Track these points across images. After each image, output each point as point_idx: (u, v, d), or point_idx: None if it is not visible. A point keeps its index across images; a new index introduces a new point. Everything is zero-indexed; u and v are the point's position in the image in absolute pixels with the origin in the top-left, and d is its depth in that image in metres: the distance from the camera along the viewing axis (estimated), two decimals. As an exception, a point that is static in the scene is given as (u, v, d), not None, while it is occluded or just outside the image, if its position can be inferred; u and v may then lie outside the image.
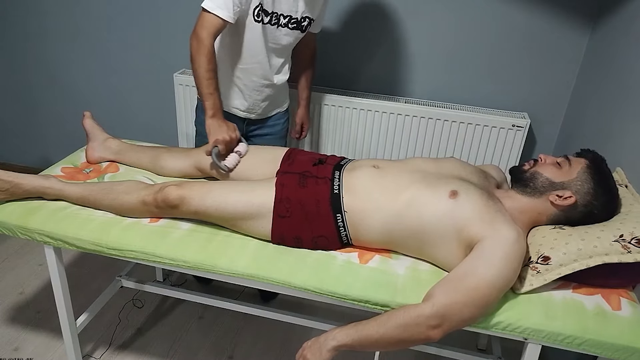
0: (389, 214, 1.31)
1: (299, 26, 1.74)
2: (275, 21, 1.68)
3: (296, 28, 1.74)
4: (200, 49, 1.56)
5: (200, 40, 1.55)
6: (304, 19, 1.73)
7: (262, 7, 1.63)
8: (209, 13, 1.55)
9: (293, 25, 1.72)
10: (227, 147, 1.59)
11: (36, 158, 3.02)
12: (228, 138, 1.58)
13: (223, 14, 1.54)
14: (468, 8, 2.08)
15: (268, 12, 1.65)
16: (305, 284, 1.30)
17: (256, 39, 1.69)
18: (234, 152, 1.62)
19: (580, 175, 1.28)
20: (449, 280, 1.17)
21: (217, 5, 1.54)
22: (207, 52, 1.56)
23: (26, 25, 2.62)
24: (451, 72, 2.22)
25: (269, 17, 1.66)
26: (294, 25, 1.73)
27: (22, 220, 1.49)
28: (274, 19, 1.67)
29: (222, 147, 1.57)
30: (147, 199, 1.45)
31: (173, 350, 1.97)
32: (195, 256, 1.37)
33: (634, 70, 1.58)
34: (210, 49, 1.57)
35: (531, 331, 1.19)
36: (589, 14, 1.99)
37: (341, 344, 1.17)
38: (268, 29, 1.69)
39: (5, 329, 2.02)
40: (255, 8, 1.62)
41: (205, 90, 1.58)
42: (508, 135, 2.13)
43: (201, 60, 1.56)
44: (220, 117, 1.61)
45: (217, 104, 1.60)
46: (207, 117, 1.60)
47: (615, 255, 1.18)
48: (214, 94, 1.59)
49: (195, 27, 1.57)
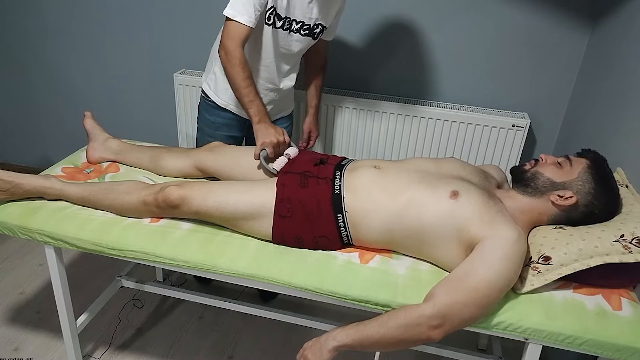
0: (390, 214, 1.31)
1: (311, 33, 1.73)
2: (288, 26, 1.67)
3: (308, 35, 1.73)
4: (231, 60, 1.56)
5: (228, 51, 1.56)
6: (316, 25, 1.72)
7: (275, 11, 1.62)
8: (232, 21, 1.54)
9: (305, 31, 1.72)
10: (275, 150, 1.58)
11: (36, 158, 3.01)
12: (275, 141, 1.57)
13: (245, 19, 1.54)
14: (468, 8, 2.08)
15: (281, 17, 1.64)
16: (306, 284, 1.30)
17: (266, 42, 1.69)
18: (283, 156, 1.60)
19: (582, 175, 1.28)
20: (449, 281, 1.17)
21: (239, 12, 1.53)
22: (238, 62, 1.56)
23: (26, 25, 2.62)
24: (451, 72, 2.22)
25: (282, 21, 1.65)
26: (306, 31, 1.72)
27: (23, 220, 1.49)
28: (287, 24, 1.67)
29: (270, 150, 1.57)
30: (148, 199, 1.45)
31: (173, 350, 1.97)
32: (196, 256, 1.37)
33: (634, 70, 1.58)
34: (242, 57, 1.56)
35: (532, 331, 1.19)
36: (589, 14, 1.99)
37: (342, 344, 1.17)
38: (280, 33, 1.68)
39: (5, 329, 2.01)
40: (267, 11, 1.61)
41: (246, 99, 1.59)
42: (508, 135, 2.13)
43: (234, 71, 1.57)
44: (267, 122, 1.61)
45: (261, 109, 1.60)
46: (254, 123, 1.60)
47: (616, 255, 1.18)
48: (255, 101, 1.60)
49: (222, 38, 1.57)
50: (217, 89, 1.82)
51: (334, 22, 1.82)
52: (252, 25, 1.56)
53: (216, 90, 1.83)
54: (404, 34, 2.19)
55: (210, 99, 1.85)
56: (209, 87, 1.85)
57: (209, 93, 1.85)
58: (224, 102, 1.83)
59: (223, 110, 1.84)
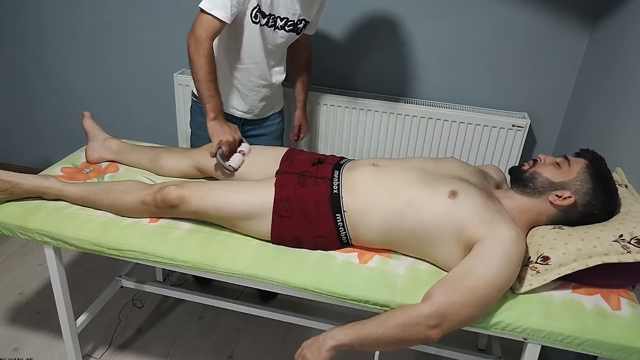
0: (389, 213, 1.31)
1: (295, 28, 1.74)
2: (272, 23, 1.68)
3: (292, 30, 1.74)
4: (199, 50, 1.55)
5: (199, 41, 1.54)
6: (300, 21, 1.73)
7: (259, 9, 1.63)
8: (206, 14, 1.53)
9: (290, 27, 1.73)
10: (231, 147, 1.60)
11: (36, 158, 3.02)
12: (231, 139, 1.59)
13: (221, 14, 1.53)
14: (468, 8, 2.08)
15: (265, 14, 1.65)
16: (305, 284, 1.30)
17: (254, 40, 1.69)
18: (237, 152, 1.63)
19: (580, 175, 1.28)
20: (448, 280, 1.17)
21: (215, 5, 1.52)
22: (206, 53, 1.55)
23: (26, 25, 2.62)
24: (451, 72, 2.22)
25: (266, 18, 1.66)
26: (291, 27, 1.73)
27: (22, 220, 1.49)
28: (271, 21, 1.67)
29: (226, 149, 1.58)
30: (147, 198, 1.45)
31: (173, 350, 1.97)
32: (195, 256, 1.37)
33: (634, 70, 1.58)
34: (210, 50, 1.56)
35: (531, 331, 1.19)
36: (589, 14, 1.99)
37: (340, 344, 1.17)
38: (265, 30, 1.69)
39: (5, 329, 2.02)
40: (253, 9, 1.62)
41: (206, 92, 1.58)
42: (508, 135, 2.13)
43: (200, 62, 1.55)
44: (222, 119, 1.62)
45: (217, 106, 1.61)
46: (208, 120, 1.60)
47: (614, 255, 1.18)
48: (214, 96, 1.59)
49: (194, 27, 1.55)
50: None
51: (316, 16, 1.83)
52: (227, 20, 1.55)
53: None
54: (404, 35, 2.19)
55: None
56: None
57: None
58: None
59: None
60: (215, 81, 1.60)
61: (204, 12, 1.54)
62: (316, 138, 2.34)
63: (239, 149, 1.63)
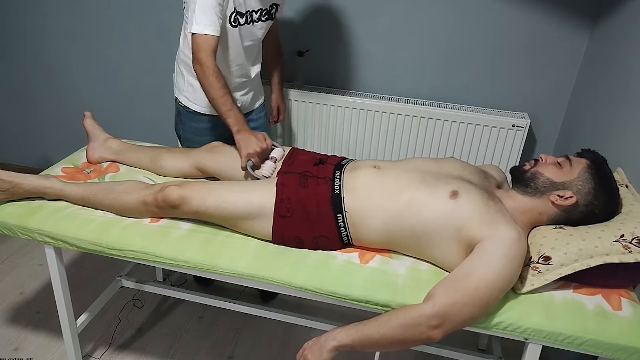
0: (390, 214, 1.31)
1: (270, 15, 1.78)
2: (250, 19, 1.71)
3: (268, 18, 1.78)
4: (205, 72, 1.57)
5: (202, 63, 1.56)
6: (272, 6, 1.77)
7: (236, 11, 1.65)
8: (201, 35, 1.56)
9: (265, 16, 1.76)
10: (260, 157, 1.59)
11: (36, 158, 3.01)
12: (259, 150, 1.57)
13: (212, 30, 1.56)
14: (468, 8, 2.08)
15: (243, 13, 1.67)
16: (306, 284, 1.30)
17: (235, 43, 1.72)
18: (269, 160, 1.61)
19: (581, 175, 1.28)
20: (449, 281, 1.17)
21: (205, 24, 1.55)
22: (212, 72, 1.57)
23: (26, 25, 2.62)
24: (451, 72, 2.22)
25: (244, 17, 1.69)
26: (266, 16, 1.76)
27: (23, 220, 1.49)
28: (249, 17, 1.70)
29: (256, 160, 1.57)
30: (148, 199, 1.45)
31: (173, 350, 1.97)
32: (196, 256, 1.37)
33: (634, 70, 1.58)
34: (215, 67, 1.58)
35: (532, 331, 1.19)
36: (589, 14, 1.99)
37: (342, 344, 1.17)
38: (244, 29, 1.71)
39: (5, 329, 2.01)
40: (231, 14, 1.64)
41: (224, 108, 1.59)
42: (508, 135, 2.13)
43: (210, 81, 1.57)
44: (247, 130, 1.60)
45: (239, 118, 1.60)
46: (234, 133, 1.59)
47: (616, 255, 1.18)
48: (232, 110, 1.60)
49: (195, 54, 1.58)
50: (197, 98, 1.82)
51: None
52: (218, 34, 1.58)
53: (195, 99, 1.83)
54: (404, 34, 2.19)
55: (192, 109, 1.85)
56: (187, 99, 1.85)
57: (189, 104, 1.85)
58: (205, 108, 1.83)
59: (207, 115, 1.85)
60: (229, 94, 1.61)
61: (197, 34, 1.56)
62: (317, 137, 2.34)
63: (271, 156, 1.62)
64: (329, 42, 2.28)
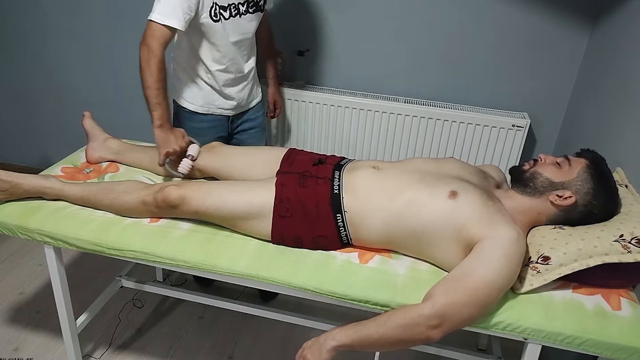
0: (389, 214, 1.31)
1: (257, 7, 1.76)
2: (236, 12, 1.70)
3: (257, 10, 1.76)
4: (150, 59, 1.58)
5: (151, 50, 1.58)
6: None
7: (217, 5, 1.64)
8: (158, 24, 1.57)
9: (253, 8, 1.74)
10: (178, 155, 1.63)
11: (36, 158, 3.02)
12: (178, 149, 1.61)
13: (173, 23, 1.57)
14: (468, 8, 2.08)
15: (225, 7, 1.67)
16: (305, 284, 1.30)
17: (222, 38, 1.71)
18: (185, 157, 1.65)
19: (580, 175, 1.28)
20: (448, 281, 1.17)
21: (167, 15, 1.56)
22: (157, 61, 1.59)
23: (26, 25, 2.62)
24: (451, 72, 2.22)
25: (228, 11, 1.68)
26: (254, 7, 1.75)
27: (22, 220, 1.49)
28: (234, 10, 1.69)
29: (174, 157, 1.62)
30: (147, 199, 1.45)
31: (173, 350, 1.97)
32: (195, 256, 1.37)
33: (634, 70, 1.58)
34: (161, 58, 1.59)
35: (531, 331, 1.19)
36: (589, 14, 1.99)
37: (341, 344, 1.17)
38: (230, 23, 1.70)
39: (5, 329, 2.02)
40: (210, 9, 1.64)
41: (154, 100, 1.61)
42: (508, 135, 2.13)
43: (152, 70, 1.59)
44: (168, 127, 1.63)
45: (164, 114, 1.62)
46: (154, 127, 1.62)
47: (615, 255, 1.17)
48: (162, 104, 1.61)
49: (145, 37, 1.59)
50: (194, 98, 1.84)
51: None
52: (182, 28, 1.59)
53: (193, 99, 1.84)
54: (404, 33, 2.19)
55: (189, 109, 1.86)
56: (184, 99, 1.86)
57: (187, 105, 1.86)
58: (203, 107, 1.84)
59: (205, 114, 1.86)
60: (163, 89, 1.62)
61: (154, 22, 1.57)
62: (316, 137, 2.34)
63: (188, 153, 1.66)
64: (329, 42, 2.28)
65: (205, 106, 1.84)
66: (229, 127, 1.93)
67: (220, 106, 1.86)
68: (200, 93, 1.82)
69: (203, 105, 1.84)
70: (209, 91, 1.82)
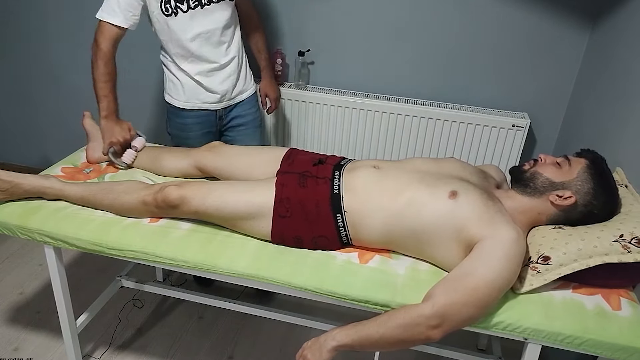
0: (389, 214, 1.31)
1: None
2: (196, 3, 1.70)
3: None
4: (98, 54, 1.67)
5: (98, 46, 1.67)
6: None
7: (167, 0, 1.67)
8: (104, 22, 1.65)
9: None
10: (122, 145, 1.73)
11: (36, 158, 3.01)
12: (121, 139, 1.71)
13: (115, 20, 1.64)
14: (468, 8, 2.08)
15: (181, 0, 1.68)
16: (306, 284, 1.30)
17: (181, 32, 1.72)
18: (130, 149, 1.73)
19: (580, 175, 1.28)
20: (448, 281, 1.17)
21: (108, 13, 1.64)
22: (103, 56, 1.67)
23: (26, 25, 2.62)
24: (451, 72, 2.22)
25: (185, 3, 1.69)
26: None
27: (22, 220, 1.49)
28: (193, 2, 1.69)
29: (118, 148, 1.72)
30: (147, 199, 1.45)
31: (173, 350, 1.97)
32: (195, 256, 1.37)
33: (634, 70, 1.58)
34: (107, 54, 1.67)
35: (531, 331, 1.19)
36: (589, 14, 1.99)
37: (341, 344, 1.17)
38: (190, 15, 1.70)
39: (5, 329, 2.02)
40: (160, 3, 1.67)
41: (101, 92, 1.69)
42: (508, 135, 2.13)
43: (98, 64, 1.68)
44: (113, 119, 1.72)
45: (110, 106, 1.71)
46: (100, 119, 1.71)
47: (615, 255, 1.18)
48: (108, 97, 1.70)
49: (95, 35, 1.68)
50: (178, 93, 1.86)
51: None
52: (124, 25, 1.67)
53: (177, 94, 1.86)
54: (404, 33, 2.19)
55: (174, 105, 1.88)
56: (170, 96, 1.89)
57: (172, 101, 1.89)
58: (187, 102, 1.86)
59: (189, 110, 1.88)
60: (110, 82, 1.70)
61: (100, 20, 1.65)
62: (317, 137, 2.34)
63: (132, 144, 1.74)
64: (330, 42, 2.28)
65: (190, 102, 1.86)
66: (216, 122, 1.93)
67: (205, 100, 1.86)
68: (182, 89, 1.84)
69: (187, 101, 1.86)
70: (190, 85, 1.83)
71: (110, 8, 1.64)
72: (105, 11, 1.65)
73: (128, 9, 1.64)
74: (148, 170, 1.76)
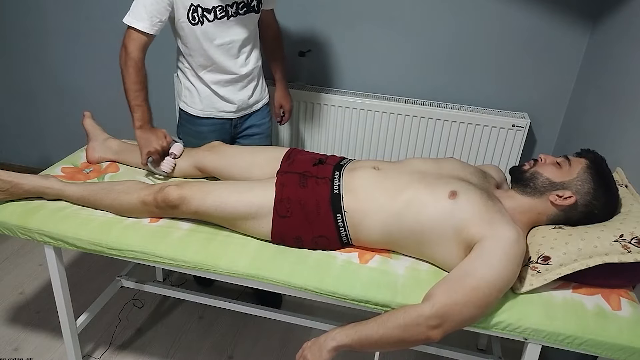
0: (389, 214, 1.31)
1: (249, 8, 1.73)
2: (223, 14, 1.67)
3: (248, 11, 1.73)
4: (127, 62, 1.61)
5: (127, 52, 1.61)
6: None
7: (199, 8, 1.63)
8: (132, 28, 1.60)
9: (243, 10, 1.71)
10: (160, 154, 1.67)
11: (36, 158, 3.02)
12: (159, 148, 1.65)
13: (140, 26, 1.59)
14: (468, 8, 2.08)
15: (210, 9, 1.65)
16: (306, 284, 1.30)
17: (205, 41, 1.69)
18: (168, 156, 1.68)
19: (581, 175, 1.28)
20: (448, 281, 1.17)
21: (136, 19, 1.59)
22: (134, 64, 1.61)
23: (26, 25, 2.62)
24: (451, 72, 2.22)
25: (212, 13, 1.66)
26: (244, 9, 1.71)
27: (22, 220, 1.49)
28: (221, 13, 1.67)
29: (156, 157, 1.66)
30: (147, 199, 1.45)
31: (173, 350, 1.97)
32: (195, 256, 1.37)
33: (634, 70, 1.58)
34: (139, 62, 1.62)
35: (531, 331, 1.19)
36: (589, 14, 1.99)
37: (341, 344, 1.17)
38: (214, 25, 1.68)
39: (5, 329, 2.02)
40: (188, 12, 1.63)
41: (133, 102, 1.64)
42: (508, 135, 2.13)
43: (129, 72, 1.62)
44: (148, 129, 1.66)
45: (145, 116, 1.66)
46: (135, 129, 1.65)
47: (615, 255, 1.18)
48: (142, 106, 1.65)
49: (124, 39, 1.62)
50: (194, 102, 1.83)
51: None
52: (150, 31, 1.61)
53: (193, 102, 1.84)
54: (405, 33, 2.19)
55: (190, 113, 1.86)
56: (186, 104, 1.86)
57: (187, 109, 1.86)
58: (203, 111, 1.84)
59: (205, 118, 1.85)
60: (143, 91, 1.65)
61: (130, 27, 1.60)
62: (317, 137, 2.34)
63: (170, 151, 1.69)
64: (330, 42, 2.28)
65: (206, 110, 1.83)
66: (231, 130, 1.92)
67: (221, 109, 1.84)
68: (199, 97, 1.81)
69: (203, 109, 1.83)
70: (207, 94, 1.81)
71: (137, 13, 1.59)
72: (131, 16, 1.60)
73: (156, 15, 1.59)
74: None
